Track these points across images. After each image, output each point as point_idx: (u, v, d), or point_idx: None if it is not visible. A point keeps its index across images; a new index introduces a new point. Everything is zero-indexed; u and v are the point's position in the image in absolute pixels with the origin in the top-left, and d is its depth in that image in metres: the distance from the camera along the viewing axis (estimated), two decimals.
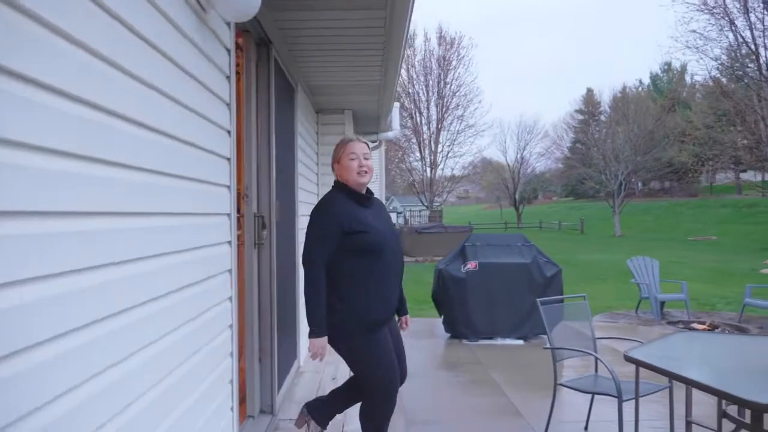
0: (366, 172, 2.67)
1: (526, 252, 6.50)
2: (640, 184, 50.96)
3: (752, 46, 23.65)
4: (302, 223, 4.41)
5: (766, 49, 23.22)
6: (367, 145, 2.77)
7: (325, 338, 2.55)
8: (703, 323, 7.99)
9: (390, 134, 7.14)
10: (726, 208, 37.92)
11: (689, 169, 35.21)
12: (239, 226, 3.27)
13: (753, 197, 41.30)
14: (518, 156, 53.19)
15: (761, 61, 23.26)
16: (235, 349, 2.48)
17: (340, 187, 2.71)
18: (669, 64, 54.75)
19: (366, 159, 2.69)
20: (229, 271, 2.36)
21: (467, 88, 41.01)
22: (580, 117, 62.11)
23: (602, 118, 54.03)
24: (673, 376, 2.48)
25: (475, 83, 76.47)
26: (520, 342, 6.36)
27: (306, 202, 4.81)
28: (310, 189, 5.22)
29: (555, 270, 6.46)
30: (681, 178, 42.65)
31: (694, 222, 36.01)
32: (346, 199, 2.65)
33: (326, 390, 3.85)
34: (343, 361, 2.77)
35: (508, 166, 53.90)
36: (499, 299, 6.34)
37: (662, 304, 8.62)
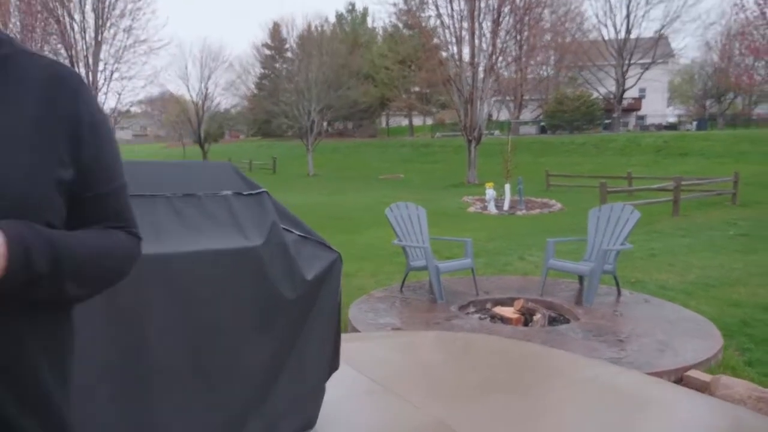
0: None
1: (250, 215, 2.32)
2: (325, 124, 51.34)
3: None
4: None
5: None
6: None
7: None
8: (508, 306, 5.22)
9: None
10: (405, 147, 39.98)
11: (378, 107, 35.54)
12: None
13: (423, 138, 44.95)
14: (202, 86, 47.73)
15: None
16: None
17: None
18: (353, 5, 55.26)
19: None
20: None
21: None
22: (268, 52, 59.21)
23: (289, 54, 52.03)
24: None
25: None
26: None
27: None
28: None
29: (329, 259, 2.44)
30: (367, 118, 43.59)
31: (380, 161, 36.84)
32: None
33: None
34: None
35: (192, 99, 48.28)
36: (173, 359, 2.08)
37: None
